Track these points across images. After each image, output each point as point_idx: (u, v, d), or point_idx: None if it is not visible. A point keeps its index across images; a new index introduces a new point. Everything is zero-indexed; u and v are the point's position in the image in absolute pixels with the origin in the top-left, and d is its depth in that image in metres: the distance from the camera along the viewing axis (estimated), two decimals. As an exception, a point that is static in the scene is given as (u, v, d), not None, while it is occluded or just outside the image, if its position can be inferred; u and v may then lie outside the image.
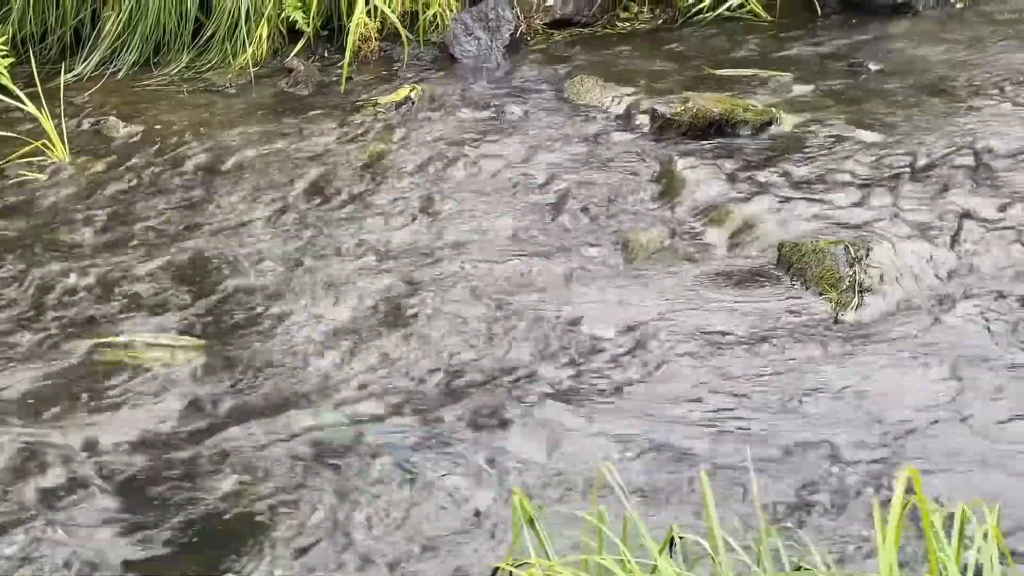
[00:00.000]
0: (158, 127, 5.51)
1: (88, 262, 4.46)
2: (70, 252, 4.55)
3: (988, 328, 3.70)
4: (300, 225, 4.63)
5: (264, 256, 4.42)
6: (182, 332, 4.01)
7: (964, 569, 2.17)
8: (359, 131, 5.32)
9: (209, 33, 6.09)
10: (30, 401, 3.71)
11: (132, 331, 4.03)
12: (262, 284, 4.25)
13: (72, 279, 4.36)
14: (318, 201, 4.79)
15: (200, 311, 4.12)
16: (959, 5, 6.18)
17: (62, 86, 5.51)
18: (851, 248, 3.97)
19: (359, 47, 5.96)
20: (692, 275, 4.10)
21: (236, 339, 3.95)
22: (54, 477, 3.35)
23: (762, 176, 4.59)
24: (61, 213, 4.84)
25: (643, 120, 5.14)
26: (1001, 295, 3.82)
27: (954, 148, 4.62)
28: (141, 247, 4.55)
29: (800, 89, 5.35)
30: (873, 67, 5.54)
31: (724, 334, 3.78)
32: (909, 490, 2.15)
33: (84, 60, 6.10)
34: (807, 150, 4.77)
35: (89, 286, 4.31)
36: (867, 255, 3.96)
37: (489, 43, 5.98)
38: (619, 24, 6.29)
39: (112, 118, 5.57)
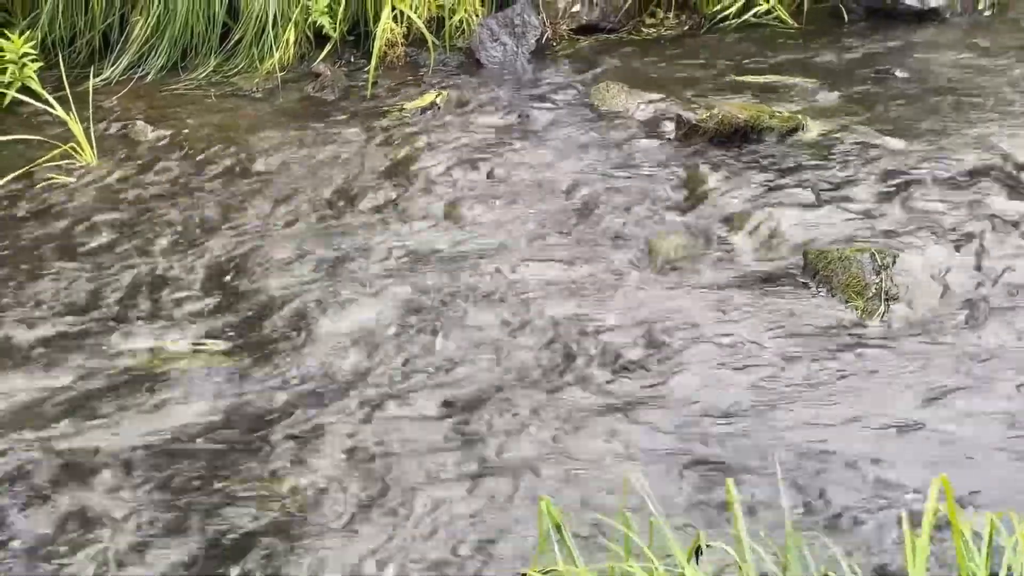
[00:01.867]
0: (185, 131, 5.53)
1: (115, 265, 4.49)
2: (97, 255, 4.57)
3: (1016, 336, 3.69)
4: (326, 230, 4.64)
5: (290, 260, 4.43)
6: (209, 336, 4.02)
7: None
8: (385, 136, 5.33)
9: (236, 38, 6.12)
10: (58, 403, 3.73)
11: (159, 334, 4.05)
12: (288, 288, 4.26)
13: (99, 282, 4.38)
14: (344, 206, 4.80)
15: (227, 315, 4.13)
16: (986, 13, 6.16)
17: (91, 90, 5.54)
18: (877, 256, 3.96)
19: (385, 52, 5.98)
20: (717, 282, 4.09)
21: (263, 343, 3.96)
22: (80, 478, 3.37)
23: (788, 183, 4.59)
24: (89, 216, 4.86)
25: (669, 126, 5.14)
26: (1029, 304, 3.81)
27: (981, 155, 4.61)
28: (168, 251, 4.57)
29: (826, 96, 5.34)
30: (900, 74, 5.52)
31: (749, 342, 3.77)
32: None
33: (112, 64, 6.12)
34: (833, 157, 4.76)
35: (116, 289, 4.33)
36: (894, 263, 3.95)
37: (515, 49, 5.98)
38: (645, 30, 6.29)
39: (140, 122, 5.59)
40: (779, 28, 6.13)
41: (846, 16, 6.16)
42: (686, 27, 6.27)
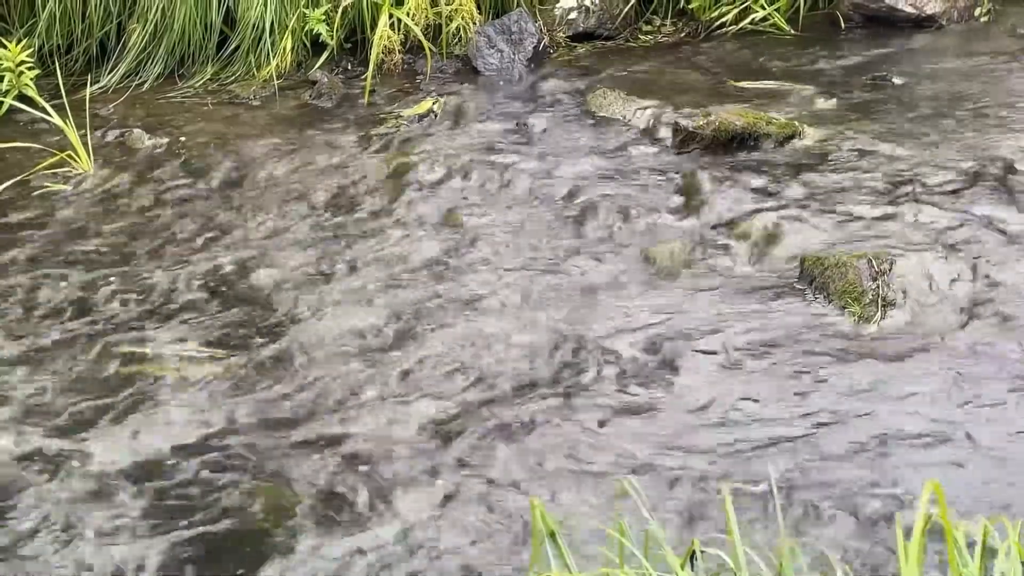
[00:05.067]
0: (182, 139, 5.53)
1: (111, 273, 4.49)
2: (93, 263, 4.57)
3: (1012, 342, 3.69)
4: (323, 237, 4.64)
5: (287, 268, 4.43)
6: (205, 343, 4.02)
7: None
8: (382, 143, 5.34)
9: (233, 45, 6.12)
10: (54, 408, 3.73)
11: (155, 341, 4.05)
12: (284, 296, 4.26)
13: (95, 289, 4.38)
14: (341, 213, 4.80)
15: (223, 322, 4.13)
16: (983, 19, 6.16)
17: (87, 98, 5.54)
18: (874, 261, 3.96)
19: (382, 60, 5.98)
20: (714, 288, 4.09)
21: (259, 350, 3.96)
22: (76, 482, 3.37)
23: (785, 189, 4.58)
24: (85, 224, 4.86)
25: (665, 133, 5.13)
26: (1025, 310, 3.81)
27: (978, 161, 4.61)
28: (164, 258, 4.57)
29: (823, 103, 5.34)
30: (896, 81, 5.53)
31: (746, 348, 3.77)
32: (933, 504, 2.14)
33: (109, 72, 6.13)
34: (830, 163, 4.76)
35: (112, 296, 4.33)
36: (890, 269, 3.95)
37: (512, 56, 5.99)
38: (642, 37, 6.29)
39: (137, 130, 5.59)
40: (776, 35, 6.13)
41: (843, 23, 6.16)
42: (683, 34, 6.27)
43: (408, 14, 6.00)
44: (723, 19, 6.19)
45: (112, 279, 4.44)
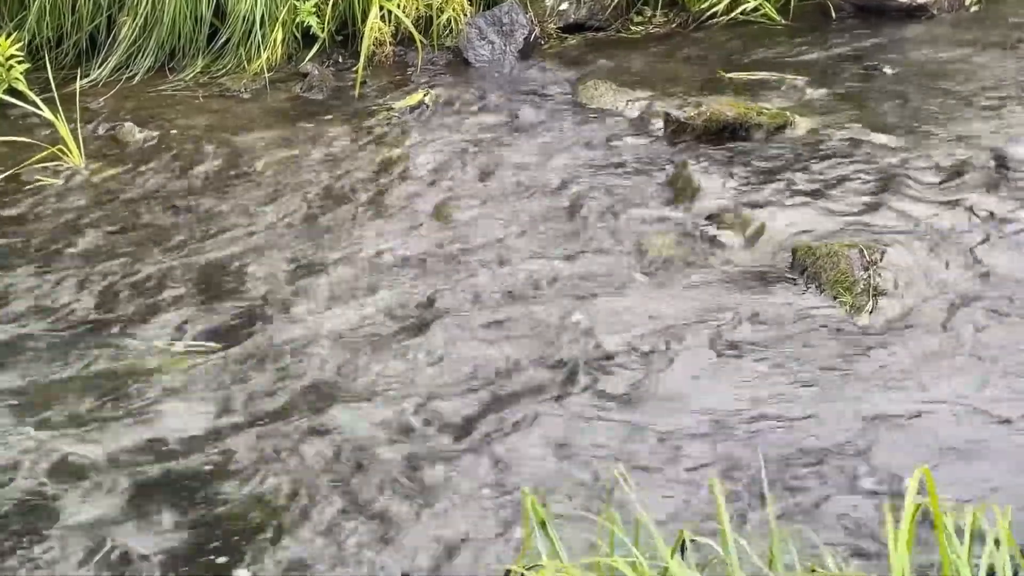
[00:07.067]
0: (173, 132, 5.52)
1: (102, 267, 4.48)
2: (85, 257, 4.57)
3: (1004, 330, 3.69)
4: (314, 229, 4.64)
5: (278, 261, 4.43)
6: (196, 337, 4.02)
7: (976, 571, 2.17)
8: (373, 135, 5.33)
9: (224, 38, 6.11)
10: (46, 405, 3.72)
11: (147, 336, 4.04)
12: (276, 289, 4.25)
13: (86, 284, 4.37)
14: (332, 205, 4.80)
15: (215, 316, 4.13)
16: (974, 8, 6.16)
17: (78, 91, 5.54)
18: (866, 251, 3.96)
19: (373, 52, 5.98)
20: (706, 279, 4.09)
21: (251, 344, 3.96)
22: (70, 480, 3.37)
23: (776, 180, 4.59)
24: (76, 218, 4.86)
25: (657, 124, 5.14)
26: (1016, 298, 3.81)
27: (969, 151, 4.62)
28: (156, 252, 4.56)
29: (814, 92, 5.34)
30: (887, 70, 5.53)
31: (738, 339, 3.77)
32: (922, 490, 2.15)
33: (100, 65, 6.12)
34: (821, 153, 4.76)
35: (103, 291, 4.33)
36: (882, 258, 3.95)
37: (503, 47, 5.98)
38: (632, 28, 6.29)
39: (127, 123, 5.58)
40: (767, 25, 6.13)
41: (834, 13, 6.16)
42: (674, 25, 6.27)
43: (399, 6, 6.00)
44: (714, 9, 6.19)
45: (103, 274, 4.43)
